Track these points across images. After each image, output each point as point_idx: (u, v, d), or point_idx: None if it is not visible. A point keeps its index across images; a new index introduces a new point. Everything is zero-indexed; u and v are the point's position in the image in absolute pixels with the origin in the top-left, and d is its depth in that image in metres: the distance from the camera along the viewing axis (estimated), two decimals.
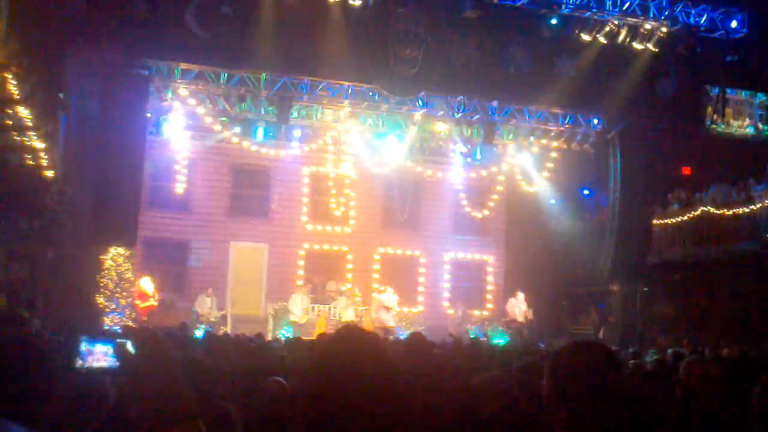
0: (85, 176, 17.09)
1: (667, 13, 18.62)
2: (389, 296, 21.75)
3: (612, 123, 20.61)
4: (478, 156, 23.72)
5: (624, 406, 2.62)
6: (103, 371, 2.85)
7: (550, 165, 23.80)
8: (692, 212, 21.23)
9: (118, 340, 2.34)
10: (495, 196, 26.13)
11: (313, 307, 21.62)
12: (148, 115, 19.15)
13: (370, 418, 2.05)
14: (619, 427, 2.59)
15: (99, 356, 2.82)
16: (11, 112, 12.34)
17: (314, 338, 11.86)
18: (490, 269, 26.49)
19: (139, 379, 2.27)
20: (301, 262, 24.41)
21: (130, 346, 2.27)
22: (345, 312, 21.44)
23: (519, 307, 22.43)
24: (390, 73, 17.69)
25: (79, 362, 2.88)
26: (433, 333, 16.44)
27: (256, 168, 24.29)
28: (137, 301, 19.84)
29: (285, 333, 19.97)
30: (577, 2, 17.99)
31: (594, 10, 18.19)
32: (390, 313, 21.51)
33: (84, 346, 2.84)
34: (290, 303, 21.49)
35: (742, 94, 22.09)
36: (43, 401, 3.07)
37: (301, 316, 21.19)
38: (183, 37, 16.49)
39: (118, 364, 2.27)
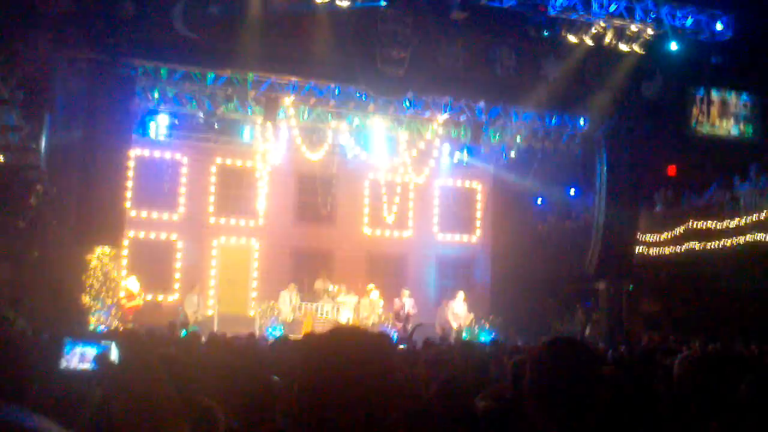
0: (70, 176, 17.01)
1: (653, 15, 18.69)
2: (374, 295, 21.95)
3: (598, 124, 20.67)
4: (465, 156, 23.76)
5: (603, 402, 2.65)
6: (87, 373, 2.85)
7: (536, 165, 23.85)
8: (677, 211, 21.37)
9: (101, 349, 2.36)
10: (482, 196, 26.18)
11: (300, 306, 21.60)
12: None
13: (366, 414, 2.06)
14: (599, 423, 2.61)
15: (83, 358, 2.83)
16: None
17: (301, 337, 11.87)
18: (477, 268, 26.55)
19: (122, 382, 2.28)
20: (288, 261, 24.41)
21: (112, 352, 2.28)
22: (344, 311, 21.55)
23: (455, 310, 22.32)
24: (377, 74, 17.68)
25: (63, 363, 2.88)
26: (420, 331, 16.45)
27: (243, 168, 24.27)
28: (123, 301, 19.79)
29: (272, 332, 19.97)
30: (564, 4, 18.03)
31: (581, 12, 18.24)
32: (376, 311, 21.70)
33: (68, 348, 2.84)
34: (279, 301, 21.51)
35: (727, 95, 22.22)
36: (26, 401, 3.07)
37: (289, 314, 21.20)
38: (169, 37, 16.42)
39: (98, 370, 2.29)
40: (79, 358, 2.84)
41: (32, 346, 3.32)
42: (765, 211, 18.87)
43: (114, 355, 2.43)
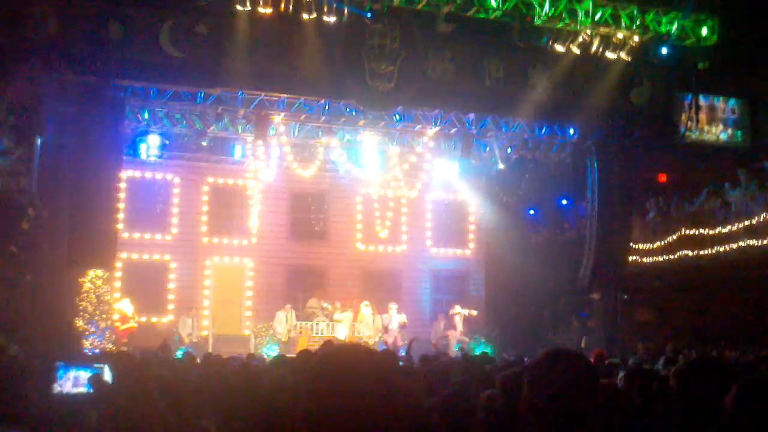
0: (61, 199, 16.97)
1: (638, 22, 18.79)
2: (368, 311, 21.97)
3: (588, 133, 20.72)
4: (457, 169, 23.80)
5: (600, 414, 2.63)
6: (80, 397, 2.81)
7: (527, 176, 23.89)
8: (669, 219, 21.41)
9: (94, 371, 2.34)
10: (474, 209, 26.20)
11: (295, 325, 21.56)
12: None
13: (371, 428, 2.03)
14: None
15: (77, 382, 2.79)
16: None
17: (295, 356, 11.81)
18: (471, 281, 26.53)
19: (116, 404, 2.25)
20: (282, 280, 24.34)
21: (106, 374, 2.26)
22: (340, 328, 21.54)
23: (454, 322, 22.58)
24: (366, 89, 17.70)
25: (56, 388, 2.84)
26: (415, 346, 16.42)
27: (235, 186, 24.24)
28: (117, 324, 19.71)
29: (268, 351, 19.91)
30: (550, 14, 18.11)
31: (566, 21, 18.33)
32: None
33: (61, 372, 2.80)
34: (275, 321, 21.47)
35: (715, 101, 22.34)
36: (20, 426, 3.04)
37: (284, 334, 21.15)
38: (158, 57, 16.42)
39: (93, 393, 2.27)
40: (72, 382, 2.80)
41: (24, 372, 3.29)
42: (756, 216, 18.92)
43: (108, 377, 2.39)
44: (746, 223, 19.12)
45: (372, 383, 2.05)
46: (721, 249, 19.53)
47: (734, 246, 19.20)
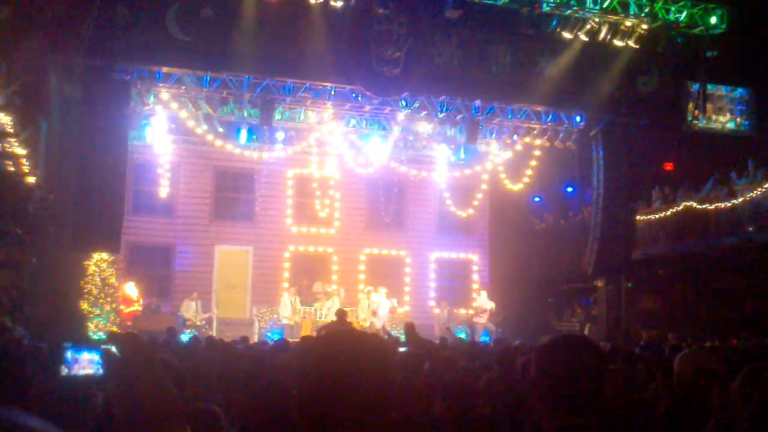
0: (67, 182, 16.99)
1: (647, 10, 18.71)
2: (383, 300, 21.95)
3: (594, 120, 20.65)
4: (462, 155, 23.73)
5: (607, 397, 2.65)
6: (89, 379, 2.82)
7: (533, 163, 23.85)
8: (675, 207, 21.37)
9: (104, 347, 2.34)
10: (479, 195, 26.18)
11: (300, 310, 21.61)
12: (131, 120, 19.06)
13: (364, 413, 2.04)
14: (603, 418, 2.61)
15: (85, 364, 2.80)
16: None
17: (298, 340, 11.85)
18: (475, 268, 26.55)
19: (125, 383, 2.26)
20: (287, 265, 24.40)
21: (115, 351, 2.26)
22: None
23: (483, 306, 22.69)
24: (372, 74, 17.65)
25: (64, 371, 2.86)
26: (420, 332, 16.45)
27: (240, 171, 24.26)
28: (122, 307, 19.79)
29: (271, 335, 19.97)
30: (558, 0, 18.03)
31: (574, 7, 18.25)
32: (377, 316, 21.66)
33: (69, 355, 2.82)
34: (280, 304, 21.50)
35: (723, 90, 22.24)
36: (24, 407, 3.05)
37: (291, 317, 21.20)
38: (164, 40, 16.39)
39: (103, 371, 2.27)
40: (81, 364, 2.81)
41: (29, 354, 3.30)
42: (762, 205, 18.87)
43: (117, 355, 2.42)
44: (752, 212, 19.08)
45: (364, 368, 2.07)
46: (727, 238, 19.51)
47: (740, 235, 19.18)
